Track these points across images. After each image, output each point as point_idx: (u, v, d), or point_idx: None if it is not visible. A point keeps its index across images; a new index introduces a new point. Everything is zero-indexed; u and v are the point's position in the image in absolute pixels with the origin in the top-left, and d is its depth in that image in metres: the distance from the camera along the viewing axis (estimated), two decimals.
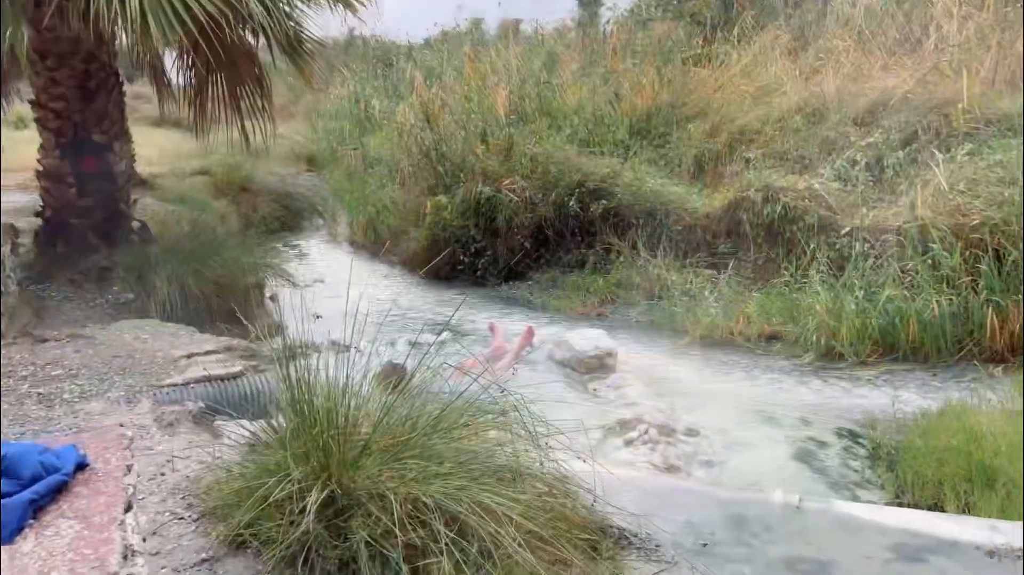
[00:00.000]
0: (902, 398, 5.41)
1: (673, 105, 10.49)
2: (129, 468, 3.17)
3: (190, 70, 6.58)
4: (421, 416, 3.16)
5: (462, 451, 2.96)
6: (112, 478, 3.03)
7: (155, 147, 14.02)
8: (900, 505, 4.02)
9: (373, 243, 11.29)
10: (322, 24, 7.48)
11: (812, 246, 7.32)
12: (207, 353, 4.97)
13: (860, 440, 5.01)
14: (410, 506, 2.37)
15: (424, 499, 2.35)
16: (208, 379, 4.50)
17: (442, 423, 3.03)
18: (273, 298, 8.21)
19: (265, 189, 13.40)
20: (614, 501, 2.78)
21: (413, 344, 6.74)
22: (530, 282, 8.97)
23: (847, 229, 7.30)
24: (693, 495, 3.33)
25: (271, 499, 2.38)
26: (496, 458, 2.83)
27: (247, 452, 2.89)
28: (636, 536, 2.77)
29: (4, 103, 9.65)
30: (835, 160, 8.42)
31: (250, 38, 6.61)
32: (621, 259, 8.34)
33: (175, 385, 4.46)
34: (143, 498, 2.90)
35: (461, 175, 9.61)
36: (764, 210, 7.71)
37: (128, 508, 2.79)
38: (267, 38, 6.13)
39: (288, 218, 13.42)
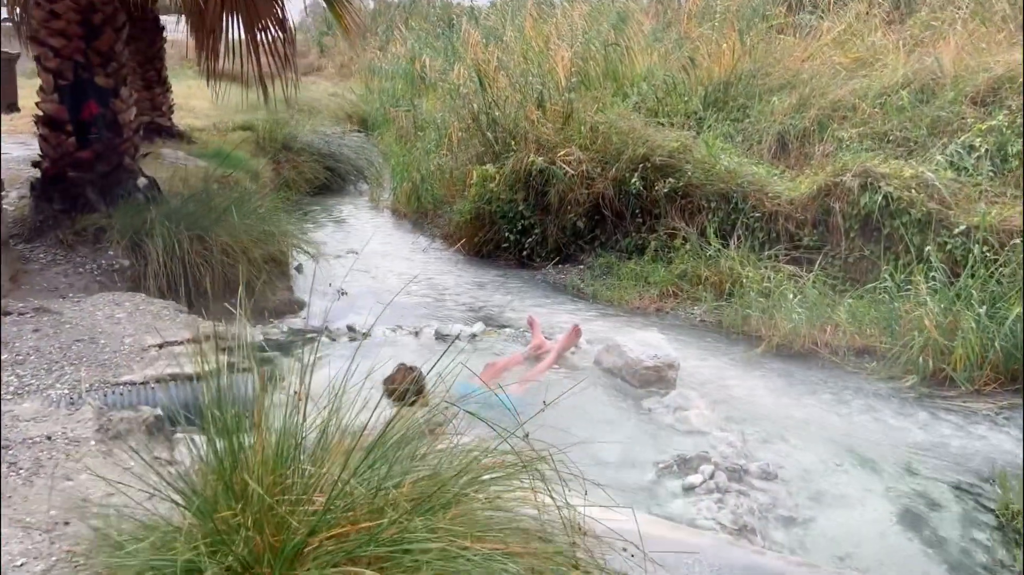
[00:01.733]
0: None
1: (754, 75, 9.30)
2: None
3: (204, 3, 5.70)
4: (407, 477, 2.27)
5: (456, 535, 2.05)
6: None
7: (205, 99, 13.39)
8: None
9: (415, 212, 10.43)
10: None
11: (921, 246, 6.16)
12: (185, 341, 4.15)
13: (984, 502, 3.95)
14: None
15: None
16: (172, 378, 3.67)
17: (436, 495, 2.12)
18: (299, 269, 7.42)
19: (309, 148, 12.60)
20: None
21: (441, 337, 5.87)
22: (581, 267, 7.97)
23: (962, 228, 6.12)
24: None
25: None
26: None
27: (141, 529, 2.02)
28: None
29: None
30: (947, 145, 7.18)
31: None
32: (687, 247, 7.27)
33: (132, 384, 3.64)
34: None
35: (513, 143, 8.61)
36: (861, 199, 6.55)
37: None
38: None
39: (331, 180, 12.63)
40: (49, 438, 3.07)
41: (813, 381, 5.46)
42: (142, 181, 6.44)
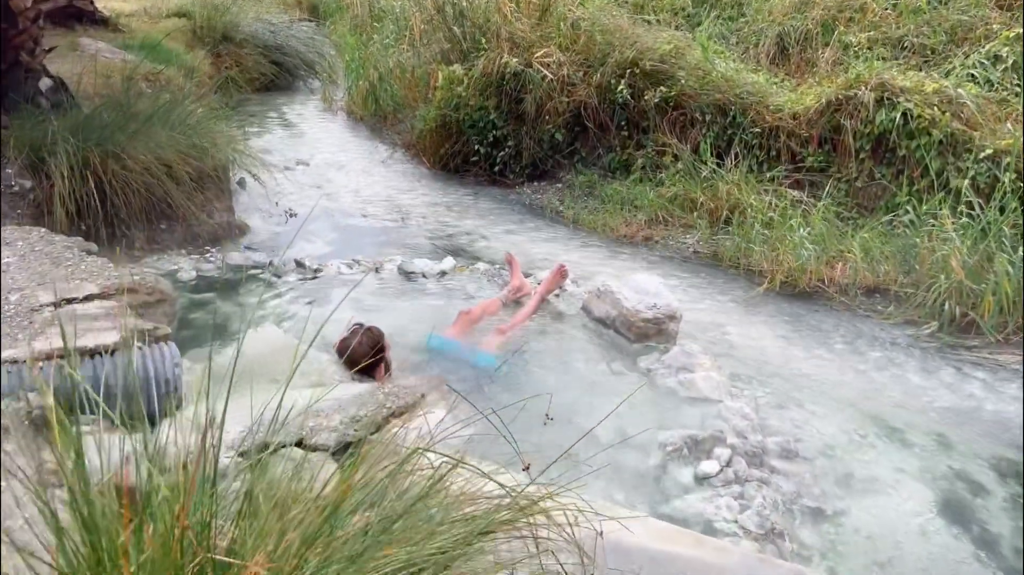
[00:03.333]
0: None
1: None
2: None
3: None
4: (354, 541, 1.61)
5: None
6: None
7: None
8: None
9: (373, 116, 9.44)
10: None
11: (941, 172, 5.51)
12: (89, 298, 3.36)
13: None
14: None
15: None
16: (65, 353, 2.90)
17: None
18: (241, 183, 6.52)
19: (252, 39, 11.32)
20: None
21: (405, 274, 5.12)
22: (559, 186, 7.20)
23: (988, 152, 5.47)
24: None
25: None
26: None
27: None
28: None
29: None
30: (969, 54, 6.45)
31: None
32: (679, 166, 6.53)
33: (16, 362, 2.87)
34: None
35: (483, 40, 7.62)
36: (877, 116, 5.84)
37: None
38: None
39: (278, 76, 11.44)
40: None
41: (824, 327, 4.88)
42: (46, 82, 5.43)
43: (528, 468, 1.98)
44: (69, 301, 3.30)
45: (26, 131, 4.84)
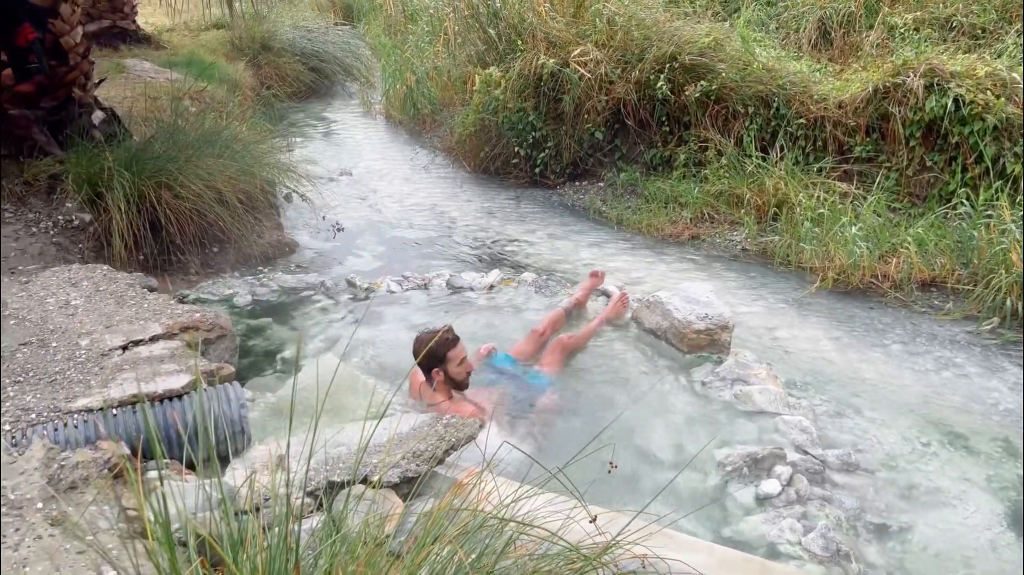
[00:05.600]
0: None
1: None
2: None
3: None
4: None
5: None
6: None
7: None
8: None
9: (412, 120, 9.48)
10: None
11: (996, 159, 5.36)
12: (154, 339, 3.46)
13: None
14: None
15: None
16: (135, 401, 3.00)
17: None
18: (288, 198, 6.62)
19: (290, 48, 11.45)
20: None
21: (455, 289, 5.15)
22: (602, 184, 7.16)
23: None
24: None
25: None
26: None
27: None
28: None
29: None
30: (1021, 33, 6.25)
31: None
32: (722, 161, 6.45)
33: (88, 411, 2.98)
34: None
35: (519, 41, 7.60)
36: (927, 104, 5.69)
37: None
38: None
39: (316, 82, 11.56)
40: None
41: (879, 327, 4.80)
42: (98, 115, 5.56)
43: (595, 520, 2.00)
44: (136, 343, 3.40)
45: (83, 166, 4.98)
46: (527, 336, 4.18)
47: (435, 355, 3.54)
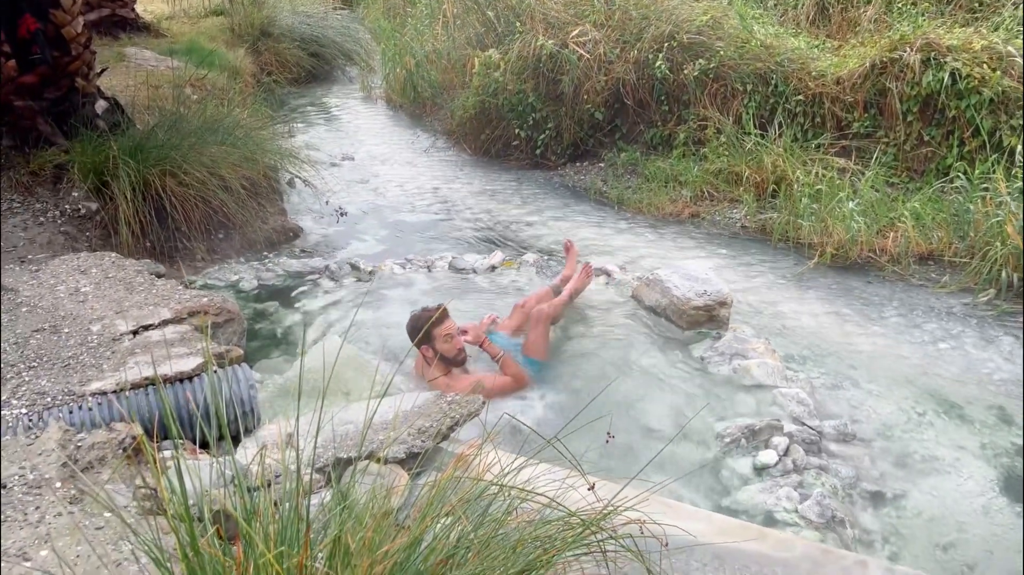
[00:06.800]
0: None
1: None
2: None
3: None
4: None
5: None
6: None
7: None
8: None
9: (412, 103, 9.52)
10: None
11: (993, 132, 5.39)
12: (163, 324, 3.54)
13: None
14: None
15: None
16: (147, 383, 3.08)
17: None
18: (291, 183, 6.69)
19: (290, 33, 11.45)
20: None
21: (458, 271, 5.22)
22: (602, 165, 7.21)
23: None
24: None
25: None
26: None
27: None
28: None
29: None
30: (1019, 5, 6.25)
31: None
32: (722, 139, 6.48)
33: (101, 394, 3.07)
34: None
35: (517, 23, 7.62)
36: (924, 78, 5.71)
37: None
38: None
39: (317, 67, 11.57)
40: (4, 486, 2.53)
41: (877, 300, 4.87)
42: (101, 105, 5.62)
43: (593, 487, 2.07)
44: (146, 328, 3.48)
45: (88, 155, 5.04)
46: (512, 312, 4.25)
47: (422, 334, 3.65)
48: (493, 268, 5.09)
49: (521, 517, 2.03)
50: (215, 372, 3.17)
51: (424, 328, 3.67)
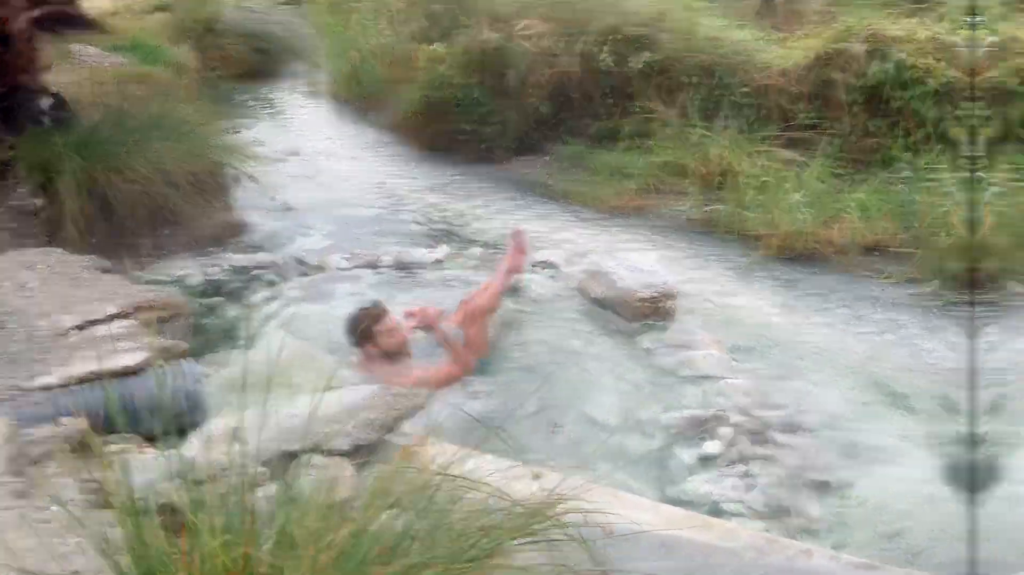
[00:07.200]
0: None
1: None
2: None
3: None
4: None
5: None
6: None
7: None
8: None
9: (358, 98, 9.31)
10: None
11: (938, 122, 5.41)
12: (110, 319, 3.39)
13: None
14: None
15: None
16: (95, 377, 2.93)
17: None
18: (236, 179, 6.46)
19: (235, 29, 11.19)
20: None
21: (403, 266, 5.09)
22: (548, 158, 7.11)
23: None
24: None
25: None
26: None
27: None
28: None
29: None
30: None
31: None
32: (667, 132, 6.42)
33: (48, 388, 2.93)
34: None
35: (462, 16, 7.49)
36: (869, 69, 5.72)
37: None
38: None
39: (262, 64, 11.30)
40: None
41: (823, 291, 4.84)
42: (46, 100, 5.42)
43: (539, 477, 1.99)
44: (92, 323, 3.33)
45: (33, 151, 4.93)
46: (459, 307, 4.12)
47: (362, 333, 3.54)
48: (439, 262, 4.98)
49: (466, 507, 1.94)
50: (161, 367, 3.05)
51: (362, 328, 3.60)
